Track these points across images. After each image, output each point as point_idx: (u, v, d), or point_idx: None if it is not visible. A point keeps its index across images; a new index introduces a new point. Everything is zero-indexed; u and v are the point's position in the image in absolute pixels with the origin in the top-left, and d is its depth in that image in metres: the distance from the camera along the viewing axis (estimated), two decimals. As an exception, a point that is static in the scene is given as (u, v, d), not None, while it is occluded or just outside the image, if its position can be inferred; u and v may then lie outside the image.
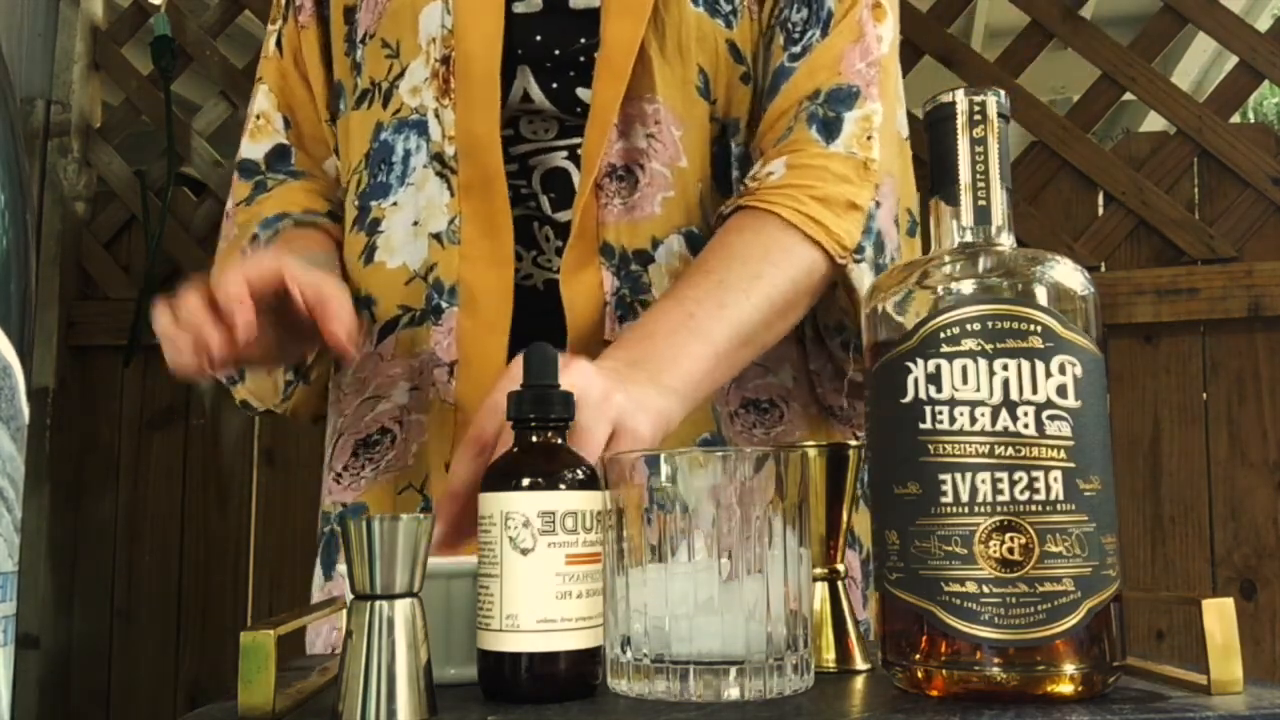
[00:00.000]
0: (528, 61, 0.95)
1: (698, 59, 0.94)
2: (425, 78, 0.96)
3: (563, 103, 0.95)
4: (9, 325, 0.38)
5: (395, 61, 0.98)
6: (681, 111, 0.94)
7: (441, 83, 0.95)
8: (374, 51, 0.99)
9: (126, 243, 2.24)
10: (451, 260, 0.93)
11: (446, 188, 0.94)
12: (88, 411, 2.20)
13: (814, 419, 1.00)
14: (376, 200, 0.98)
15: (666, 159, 0.93)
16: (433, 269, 0.94)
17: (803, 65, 0.94)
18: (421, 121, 0.96)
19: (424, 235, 0.95)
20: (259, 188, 1.06)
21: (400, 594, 0.54)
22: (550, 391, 0.63)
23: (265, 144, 1.07)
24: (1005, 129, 0.61)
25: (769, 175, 0.91)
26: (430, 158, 0.95)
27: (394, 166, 0.97)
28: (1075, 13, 2.03)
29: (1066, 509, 0.55)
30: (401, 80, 0.97)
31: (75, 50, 2.27)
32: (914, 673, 0.58)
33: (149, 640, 2.14)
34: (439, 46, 0.95)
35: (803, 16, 0.95)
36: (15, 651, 0.39)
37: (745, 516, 0.58)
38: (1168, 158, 1.96)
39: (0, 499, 0.37)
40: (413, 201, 0.96)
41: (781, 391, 0.97)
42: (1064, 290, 0.58)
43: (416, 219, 0.95)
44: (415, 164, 0.96)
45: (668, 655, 0.57)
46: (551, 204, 0.97)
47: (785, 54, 0.95)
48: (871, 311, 0.62)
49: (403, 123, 0.97)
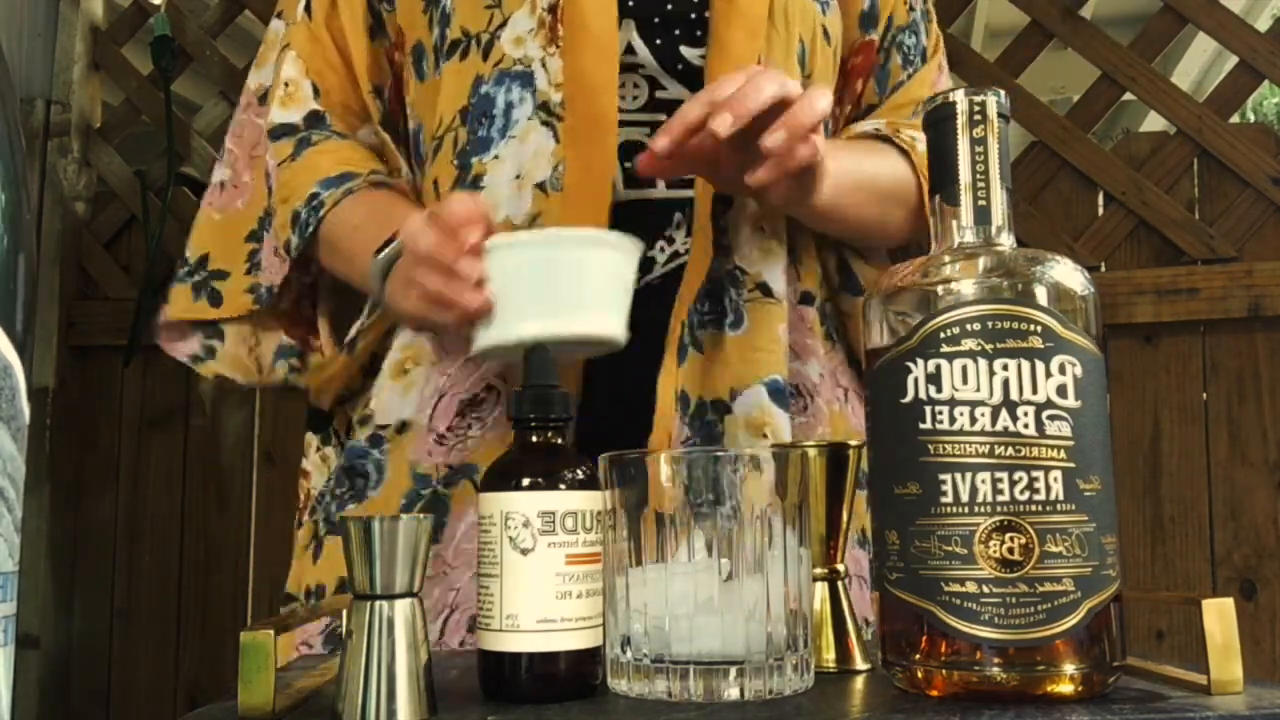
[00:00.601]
0: (635, 15, 0.95)
1: (799, 29, 0.98)
2: (531, 28, 0.94)
3: (665, 60, 0.96)
4: (9, 325, 0.38)
5: (497, 11, 0.96)
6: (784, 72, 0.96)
7: (549, 32, 0.94)
8: (468, 1, 0.97)
9: (126, 243, 2.24)
10: (554, 208, 0.92)
11: (552, 135, 0.93)
12: (88, 411, 2.20)
13: (835, 416, 1.01)
14: (477, 156, 0.95)
15: None
16: (536, 220, 0.93)
17: (913, 80, 1.10)
18: (526, 73, 0.94)
19: (527, 187, 0.94)
20: (303, 144, 1.03)
21: (400, 594, 0.55)
22: (550, 391, 0.63)
23: (298, 110, 1.04)
24: (1005, 129, 0.61)
25: (914, 139, 1.01)
26: (535, 107, 0.94)
27: (495, 119, 0.95)
28: (1075, 13, 2.03)
29: (1066, 509, 0.55)
30: (504, 30, 0.95)
31: (75, 50, 2.27)
32: (914, 673, 0.58)
33: (149, 640, 2.14)
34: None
35: (913, 43, 1.11)
36: (15, 651, 0.39)
37: (745, 516, 0.58)
38: (1168, 158, 1.96)
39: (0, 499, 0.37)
40: (515, 154, 0.94)
41: (808, 384, 0.99)
42: (1064, 290, 0.58)
43: (519, 172, 0.94)
44: (519, 116, 0.94)
45: (668, 655, 0.57)
46: (625, 177, 0.96)
47: (904, 72, 1.10)
48: (871, 311, 0.62)
49: (504, 74, 0.95)
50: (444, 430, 0.96)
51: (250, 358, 1.07)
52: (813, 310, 1.00)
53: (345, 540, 0.55)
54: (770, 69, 0.87)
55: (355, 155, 1.02)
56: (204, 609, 2.14)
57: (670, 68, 0.96)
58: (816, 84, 0.99)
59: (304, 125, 1.04)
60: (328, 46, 1.05)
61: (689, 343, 0.93)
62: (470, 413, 0.95)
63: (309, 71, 1.05)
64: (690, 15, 0.96)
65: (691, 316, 0.93)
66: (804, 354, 0.99)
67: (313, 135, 1.03)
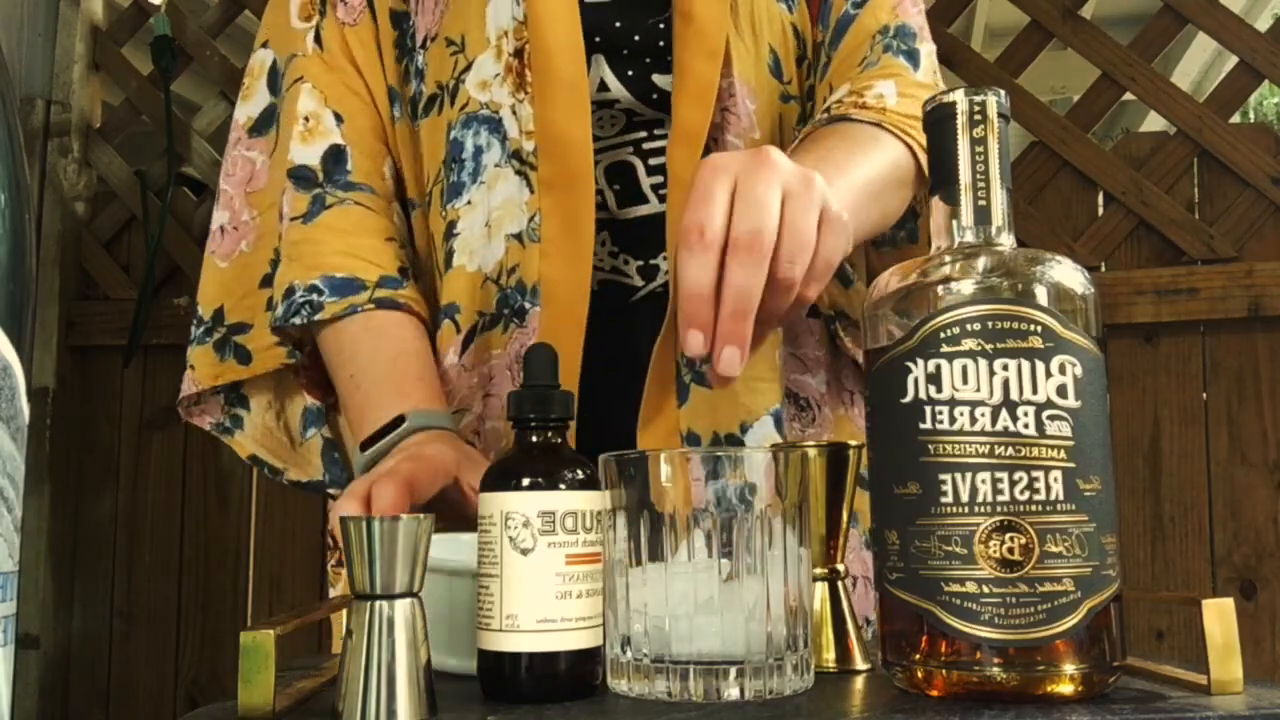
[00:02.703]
0: (604, 50, 0.94)
1: (769, 39, 0.96)
2: (497, 73, 0.92)
3: (639, 92, 0.95)
4: (9, 325, 0.38)
5: (460, 56, 0.94)
6: (755, 86, 0.95)
7: (516, 77, 0.92)
8: (438, 52, 0.95)
9: (126, 243, 2.24)
10: (533, 259, 0.90)
11: (526, 185, 0.91)
12: (88, 411, 2.20)
13: (841, 421, 1.01)
14: (452, 203, 0.94)
15: (740, 130, 0.93)
16: (513, 270, 0.91)
17: (864, 9, 0.99)
18: (493, 118, 0.93)
19: (498, 235, 0.92)
20: (317, 203, 0.97)
21: (400, 594, 0.54)
22: (550, 391, 0.63)
23: (319, 145, 0.98)
24: (1005, 129, 0.61)
25: (880, 96, 0.93)
26: (507, 155, 0.92)
27: (465, 164, 0.93)
28: (1075, 13, 2.03)
29: (1066, 509, 0.55)
30: (467, 74, 0.93)
31: (75, 50, 2.27)
32: (914, 673, 0.58)
33: (149, 640, 2.14)
34: (511, 39, 0.92)
35: None
36: (15, 651, 0.39)
37: (745, 516, 0.58)
38: (1168, 158, 1.96)
39: (0, 499, 0.37)
40: (485, 200, 0.92)
41: (815, 394, 0.98)
42: (1064, 290, 0.58)
43: (488, 220, 0.92)
44: (487, 161, 0.92)
45: (668, 655, 0.57)
46: (616, 197, 0.95)
47: (848, 3, 0.99)
48: (871, 311, 0.62)
49: (471, 117, 0.93)
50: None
51: (280, 427, 1.02)
52: (818, 321, 1.00)
53: (345, 540, 0.55)
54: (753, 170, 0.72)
55: (366, 245, 0.96)
56: (204, 609, 2.14)
57: (644, 98, 0.95)
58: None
59: (321, 172, 0.98)
60: (347, 73, 1.00)
61: (690, 380, 0.89)
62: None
63: (329, 101, 0.99)
64: (659, 43, 0.94)
65: None
66: (811, 365, 0.98)
67: (328, 196, 0.97)
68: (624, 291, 0.96)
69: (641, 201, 0.96)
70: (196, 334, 1.02)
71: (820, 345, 0.99)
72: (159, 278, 2.14)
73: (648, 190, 0.96)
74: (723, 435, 0.91)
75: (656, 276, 0.96)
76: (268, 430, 1.02)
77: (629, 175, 0.96)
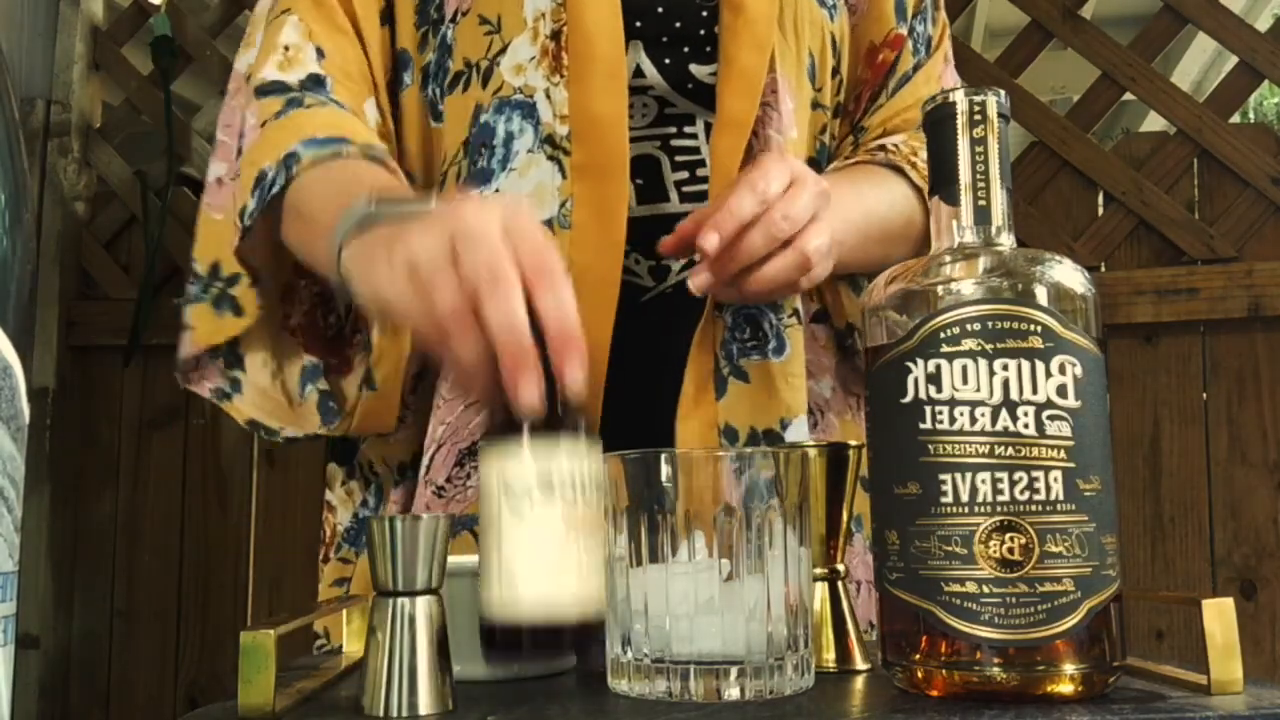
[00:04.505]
0: (642, 36, 0.93)
1: (809, 42, 0.96)
2: (532, 55, 0.90)
3: (675, 80, 0.94)
4: (9, 325, 0.38)
5: (496, 37, 0.92)
6: (794, 87, 0.94)
7: (552, 60, 0.90)
8: (469, 29, 0.93)
9: (126, 243, 2.24)
10: (563, 246, 0.87)
11: (559, 170, 0.89)
12: (88, 411, 2.20)
13: (847, 425, 1.00)
14: (479, 188, 0.91)
15: (780, 126, 0.93)
16: None
17: (920, 74, 1.05)
18: (527, 103, 0.90)
19: None
20: (293, 104, 0.90)
21: (421, 590, 0.56)
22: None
23: (296, 73, 0.93)
24: (1005, 129, 0.61)
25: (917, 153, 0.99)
26: (540, 140, 0.90)
27: (495, 150, 0.91)
28: (1075, 13, 2.03)
29: (1066, 509, 0.55)
30: (503, 57, 0.91)
31: (75, 50, 2.26)
32: (914, 673, 0.58)
33: (149, 640, 2.14)
34: (548, 22, 0.90)
35: (921, 30, 1.06)
36: (15, 651, 0.39)
37: (745, 516, 0.58)
38: (1168, 158, 1.96)
39: (0, 499, 0.37)
40: (515, 188, 0.90)
41: (821, 400, 0.98)
42: (1064, 290, 0.58)
43: None
44: (519, 148, 0.90)
45: (668, 655, 0.57)
46: (638, 192, 0.93)
47: (911, 60, 1.05)
48: (871, 312, 0.62)
49: (504, 102, 0.91)
50: (442, 483, 0.92)
51: (275, 387, 0.98)
52: (824, 327, 1.00)
53: (369, 539, 0.56)
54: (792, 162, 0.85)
55: (354, 125, 0.91)
56: (204, 609, 2.14)
57: (680, 87, 0.94)
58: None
59: (298, 87, 0.92)
60: (335, 10, 0.95)
61: (729, 374, 0.89)
62: (469, 462, 0.91)
63: (312, 35, 0.94)
64: (700, 32, 0.93)
65: (729, 345, 0.90)
66: (819, 372, 0.98)
67: (306, 97, 0.91)
68: (632, 291, 0.93)
69: (663, 199, 0.94)
70: (194, 291, 0.96)
71: (827, 351, 0.99)
72: (159, 278, 2.14)
73: (670, 187, 0.95)
74: (761, 431, 0.90)
75: (668, 278, 0.94)
76: (263, 391, 0.98)
77: (653, 170, 0.94)
